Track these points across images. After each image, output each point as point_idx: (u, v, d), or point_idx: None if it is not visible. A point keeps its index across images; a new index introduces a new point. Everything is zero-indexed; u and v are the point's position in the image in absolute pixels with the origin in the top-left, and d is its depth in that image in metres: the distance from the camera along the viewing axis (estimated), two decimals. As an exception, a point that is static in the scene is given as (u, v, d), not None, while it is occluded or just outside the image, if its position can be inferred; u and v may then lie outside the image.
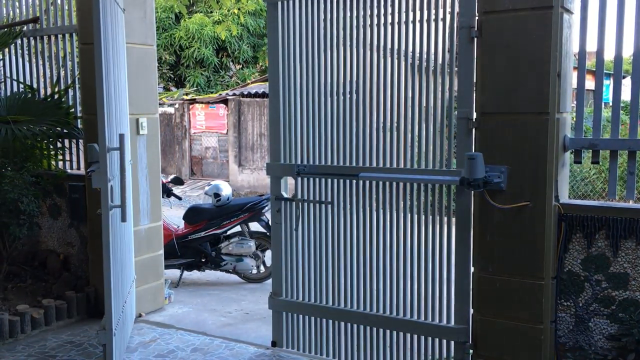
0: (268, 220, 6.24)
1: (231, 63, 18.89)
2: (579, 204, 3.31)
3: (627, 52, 3.18)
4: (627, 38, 3.10)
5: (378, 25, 3.62)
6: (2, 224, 4.79)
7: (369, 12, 3.65)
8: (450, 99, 3.45)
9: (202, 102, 15.10)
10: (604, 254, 3.18)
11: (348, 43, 3.73)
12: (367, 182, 3.75)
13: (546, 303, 3.21)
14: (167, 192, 6.33)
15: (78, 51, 4.91)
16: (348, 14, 3.71)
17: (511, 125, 3.19)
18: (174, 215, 7.59)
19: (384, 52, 3.61)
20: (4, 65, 5.49)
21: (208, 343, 4.33)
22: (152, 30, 4.84)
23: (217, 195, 6.42)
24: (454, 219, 3.49)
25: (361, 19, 3.68)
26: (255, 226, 6.58)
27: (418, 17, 3.48)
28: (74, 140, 5.23)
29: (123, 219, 3.65)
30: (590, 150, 3.27)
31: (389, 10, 3.57)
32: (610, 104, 3.31)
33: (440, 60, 3.44)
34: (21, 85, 5.39)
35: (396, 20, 3.56)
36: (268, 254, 6.22)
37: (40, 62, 5.38)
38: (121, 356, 3.93)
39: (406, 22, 3.52)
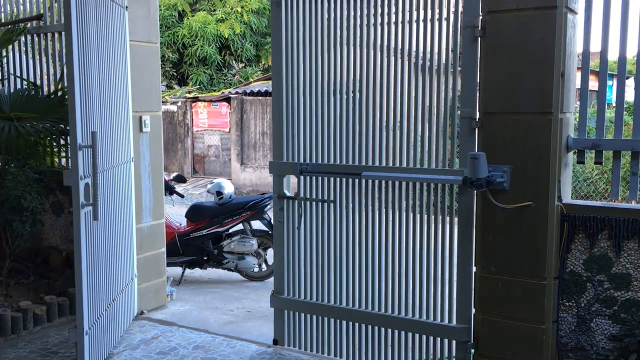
0: (270, 219, 6.25)
1: (234, 61, 18.88)
2: (582, 204, 3.30)
3: (631, 52, 3.17)
4: (631, 38, 3.10)
5: (381, 24, 3.62)
6: (5, 221, 4.80)
7: (372, 11, 3.65)
8: (453, 99, 3.45)
9: (204, 101, 15.10)
10: (606, 255, 3.18)
11: (351, 42, 3.73)
12: (370, 181, 3.75)
13: (548, 303, 3.21)
14: (169, 190, 6.35)
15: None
16: (352, 13, 3.71)
17: (514, 125, 3.19)
18: (176, 213, 7.60)
19: (388, 51, 3.61)
20: (7, 63, 5.50)
21: (210, 341, 4.34)
22: (155, 28, 4.85)
23: (219, 193, 6.43)
24: (456, 219, 3.49)
25: (365, 18, 3.67)
26: (257, 224, 6.59)
27: (422, 17, 3.48)
28: (77, 138, 5.24)
29: (95, 218, 3.56)
30: (593, 151, 3.27)
31: (393, 9, 3.57)
32: (614, 104, 3.30)
33: (443, 60, 3.44)
34: (25, 83, 5.41)
35: (400, 19, 3.56)
36: (270, 252, 6.23)
37: (44, 60, 5.39)
38: (102, 355, 3.89)
39: (410, 22, 3.52)
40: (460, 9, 3.35)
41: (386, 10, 3.60)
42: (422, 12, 3.47)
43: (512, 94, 3.18)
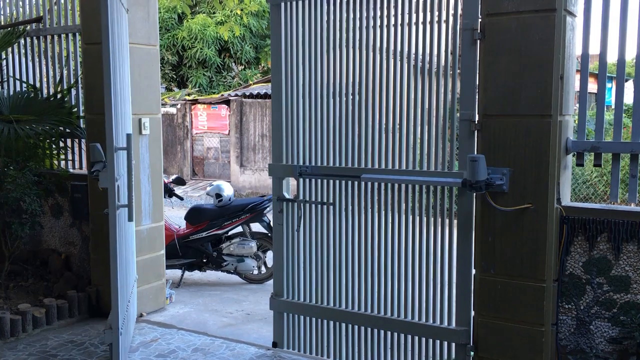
0: (269, 221, 6.24)
1: (233, 64, 18.90)
2: (581, 206, 3.30)
3: (630, 55, 3.18)
4: (630, 41, 3.11)
5: (381, 26, 3.63)
6: (4, 223, 4.80)
7: (372, 14, 3.65)
8: (452, 101, 3.45)
9: (204, 103, 15.11)
10: (605, 257, 3.18)
11: (351, 44, 3.73)
12: (369, 184, 3.75)
13: (547, 305, 3.21)
14: (168, 192, 6.34)
15: (81, 51, 4.91)
16: (351, 15, 3.72)
17: (514, 128, 3.19)
18: (175, 216, 7.60)
19: (387, 53, 3.62)
20: (7, 65, 5.50)
21: (209, 343, 4.34)
22: (155, 30, 4.85)
23: (218, 195, 6.43)
24: (455, 221, 3.49)
25: (364, 21, 3.68)
26: (256, 227, 6.58)
27: (421, 19, 3.48)
28: (77, 140, 5.24)
29: (129, 219, 3.68)
30: (593, 153, 3.27)
31: (392, 12, 3.58)
32: (613, 106, 3.30)
33: (443, 62, 3.44)
34: (24, 85, 5.41)
35: (399, 22, 3.56)
36: (269, 254, 6.23)
37: (44, 62, 5.39)
38: (126, 355, 3.94)
39: (409, 24, 3.53)
40: (460, 11, 3.36)
41: (385, 13, 3.60)
42: (421, 14, 3.48)
43: (511, 96, 3.18)
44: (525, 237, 3.21)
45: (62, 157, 5.29)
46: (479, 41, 3.28)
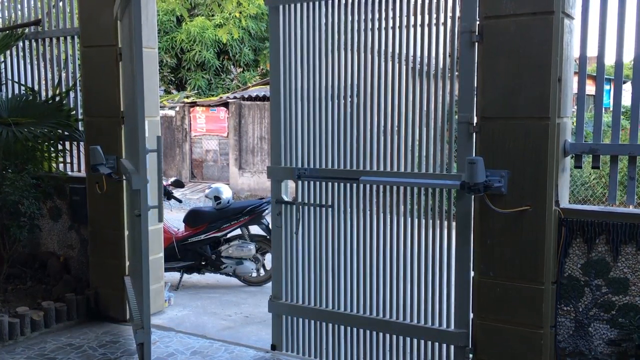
0: (268, 224, 6.24)
1: (232, 66, 18.91)
2: (580, 208, 3.31)
3: (628, 57, 3.19)
4: (628, 43, 3.12)
5: (379, 29, 3.63)
6: (3, 226, 4.80)
7: (370, 16, 3.65)
8: (451, 103, 3.46)
9: (202, 105, 15.11)
10: (604, 259, 3.18)
11: (349, 47, 3.74)
12: (368, 186, 3.75)
13: (546, 308, 3.21)
14: (167, 195, 6.34)
15: (79, 54, 4.92)
16: (349, 18, 3.72)
17: (512, 130, 3.19)
18: (174, 218, 7.59)
19: (385, 56, 3.62)
20: (5, 68, 5.50)
21: (208, 346, 4.33)
22: (153, 32, 4.85)
23: (217, 198, 6.43)
24: (454, 223, 3.49)
25: (362, 23, 3.68)
26: (255, 229, 6.58)
27: (419, 22, 3.48)
28: (75, 143, 5.24)
29: (160, 219, 3.74)
30: (591, 155, 3.27)
31: (390, 14, 3.58)
32: (611, 109, 3.31)
33: (441, 65, 3.45)
34: (23, 88, 5.41)
35: (397, 24, 3.56)
36: (268, 257, 6.22)
37: (42, 65, 5.40)
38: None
39: (407, 26, 3.53)
40: (458, 14, 3.36)
41: (384, 15, 3.60)
42: (419, 17, 3.48)
43: (509, 98, 3.19)
44: (524, 239, 3.21)
45: (61, 159, 5.29)
46: (477, 44, 3.28)
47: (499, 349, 3.33)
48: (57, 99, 5.12)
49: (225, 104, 14.60)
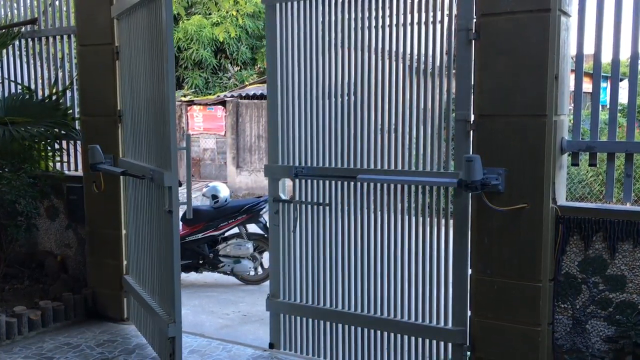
0: (266, 222, 6.24)
1: (229, 65, 18.88)
2: (577, 206, 3.31)
3: (624, 54, 3.19)
4: (625, 41, 3.12)
5: (376, 27, 3.63)
6: (0, 225, 4.79)
7: (367, 15, 3.65)
8: (448, 101, 3.46)
9: (200, 104, 15.10)
10: (601, 256, 3.19)
11: (346, 45, 3.73)
12: (365, 184, 3.75)
13: (543, 305, 3.21)
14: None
15: (76, 52, 4.91)
16: (346, 16, 3.72)
17: (509, 128, 3.19)
18: (171, 217, 7.58)
19: (382, 54, 3.62)
20: (2, 67, 5.49)
21: (205, 345, 4.33)
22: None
23: (215, 196, 6.43)
24: (451, 221, 3.49)
25: (359, 21, 3.68)
26: (253, 228, 6.58)
27: (416, 20, 3.48)
28: (72, 142, 5.23)
29: (189, 215, 3.89)
30: (588, 153, 3.28)
31: (387, 12, 3.58)
32: (608, 106, 3.31)
33: (438, 63, 3.44)
34: (19, 87, 5.39)
35: (394, 22, 3.56)
36: (266, 255, 6.21)
37: (39, 64, 5.38)
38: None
39: (404, 25, 3.53)
40: (455, 12, 3.36)
41: (381, 13, 3.60)
42: (416, 15, 3.48)
43: (506, 96, 3.19)
44: (521, 237, 3.21)
45: (58, 159, 5.28)
46: (474, 41, 3.28)
47: (497, 346, 3.33)
48: (54, 98, 5.11)
49: (223, 103, 14.58)
